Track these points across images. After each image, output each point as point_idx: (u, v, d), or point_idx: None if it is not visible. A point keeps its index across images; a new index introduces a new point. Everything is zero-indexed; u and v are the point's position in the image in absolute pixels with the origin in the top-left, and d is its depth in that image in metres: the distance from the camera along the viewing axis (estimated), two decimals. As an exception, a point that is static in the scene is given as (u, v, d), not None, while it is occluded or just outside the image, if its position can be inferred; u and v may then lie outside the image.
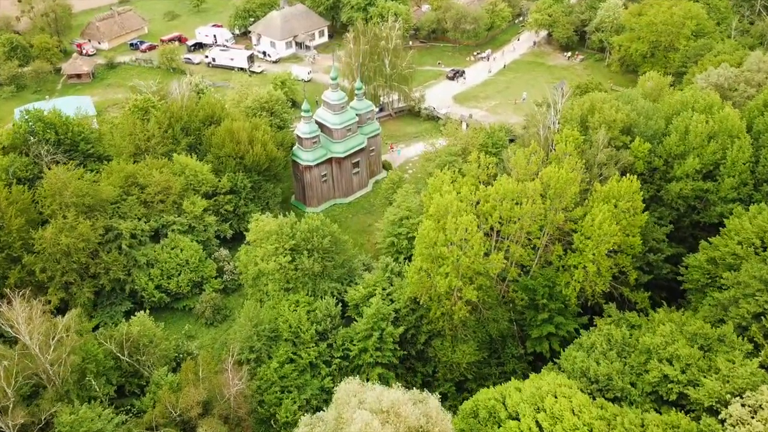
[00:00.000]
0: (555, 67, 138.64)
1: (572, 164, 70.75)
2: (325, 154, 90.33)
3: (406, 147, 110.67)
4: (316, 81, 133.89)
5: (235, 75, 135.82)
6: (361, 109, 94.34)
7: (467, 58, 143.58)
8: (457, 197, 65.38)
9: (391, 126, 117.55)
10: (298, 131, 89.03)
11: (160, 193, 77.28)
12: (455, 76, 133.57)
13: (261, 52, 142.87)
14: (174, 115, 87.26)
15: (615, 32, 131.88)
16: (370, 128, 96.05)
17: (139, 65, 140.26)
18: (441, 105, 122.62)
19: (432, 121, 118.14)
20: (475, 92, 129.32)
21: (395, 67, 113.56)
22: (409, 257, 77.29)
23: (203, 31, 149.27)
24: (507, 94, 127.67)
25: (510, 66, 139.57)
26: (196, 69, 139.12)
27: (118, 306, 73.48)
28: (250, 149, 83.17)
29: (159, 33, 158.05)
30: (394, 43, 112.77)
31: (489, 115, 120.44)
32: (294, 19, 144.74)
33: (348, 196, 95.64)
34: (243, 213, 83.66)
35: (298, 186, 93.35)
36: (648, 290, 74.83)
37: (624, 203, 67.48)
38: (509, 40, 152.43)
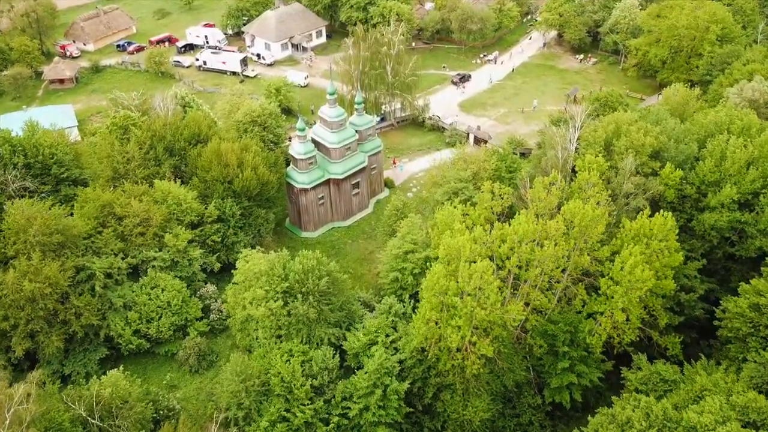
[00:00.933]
0: (566, 71, 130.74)
1: (598, 196, 63.34)
2: (322, 176, 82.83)
3: (410, 161, 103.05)
4: (313, 86, 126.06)
5: (227, 80, 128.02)
6: (362, 125, 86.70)
7: (473, 60, 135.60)
8: (470, 238, 57.94)
9: (393, 137, 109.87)
10: (293, 151, 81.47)
11: (140, 225, 69.86)
12: (461, 81, 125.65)
13: (255, 54, 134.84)
14: (156, 134, 79.65)
15: (631, 34, 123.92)
16: (371, 145, 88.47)
17: (126, 69, 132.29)
18: (446, 113, 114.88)
19: (437, 132, 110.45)
20: (482, 99, 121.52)
21: (398, 74, 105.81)
22: (415, 295, 70.06)
23: (194, 31, 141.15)
24: (516, 101, 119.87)
25: (519, 70, 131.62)
26: (186, 73, 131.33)
27: (92, 353, 66.22)
28: (239, 173, 75.66)
29: (148, 33, 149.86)
30: (397, 49, 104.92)
31: (497, 124, 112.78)
32: (290, 19, 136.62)
33: (347, 219, 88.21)
34: (232, 243, 76.26)
35: (293, 209, 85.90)
36: (678, 329, 67.94)
37: (657, 243, 60.09)
38: (517, 41, 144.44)
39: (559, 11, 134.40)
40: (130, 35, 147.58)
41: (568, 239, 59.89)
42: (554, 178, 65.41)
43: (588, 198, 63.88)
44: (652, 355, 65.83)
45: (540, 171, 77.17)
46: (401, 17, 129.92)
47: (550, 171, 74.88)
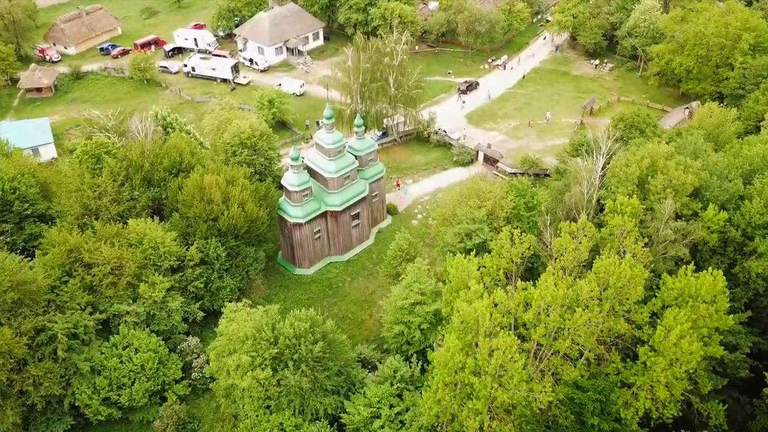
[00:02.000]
0: (581, 78, 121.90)
1: (633, 247, 55.07)
2: (318, 208, 74.46)
3: (414, 183, 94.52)
4: (309, 95, 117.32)
5: (218, 87, 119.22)
6: (362, 149, 78.19)
7: (481, 65, 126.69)
8: (489, 304, 49.66)
9: (396, 154, 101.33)
10: (286, 183, 72.98)
11: (111, 274, 61.56)
12: (468, 89, 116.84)
13: (247, 59, 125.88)
14: (133, 164, 71.15)
15: (651, 39, 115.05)
16: (372, 171, 80.00)
17: (109, 75, 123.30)
18: (453, 126, 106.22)
19: (443, 149, 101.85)
20: (491, 109, 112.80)
21: (401, 86, 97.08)
22: (422, 351, 62.06)
23: (183, 33, 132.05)
24: (528, 113, 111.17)
25: (530, 76, 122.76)
26: (174, 80, 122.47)
27: (56, 423, 58.20)
28: (225, 210, 67.26)
29: (134, 34, 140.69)
30: (400, 59, 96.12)
31: (509, 139, 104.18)
32: (284, 22, 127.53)
33: (346, 253, 79.92)
34: (217, 289, 68.01)
35: (286, 243, 77.57)
36: (719, 390, 60.03)
37: (705, 306, 51.86)
38: (527, 43, 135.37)
39: (572, 12, 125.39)
40: (114, 37, 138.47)
41: (601, 303, 51.69)
42: (584, 224, 57.07)
43: (622, 250, 55.66)
44: (692, 422, 58.12)
45: (562, 207, 68.95)
46: (404, 19, 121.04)
47: (574, 208, 66.78)
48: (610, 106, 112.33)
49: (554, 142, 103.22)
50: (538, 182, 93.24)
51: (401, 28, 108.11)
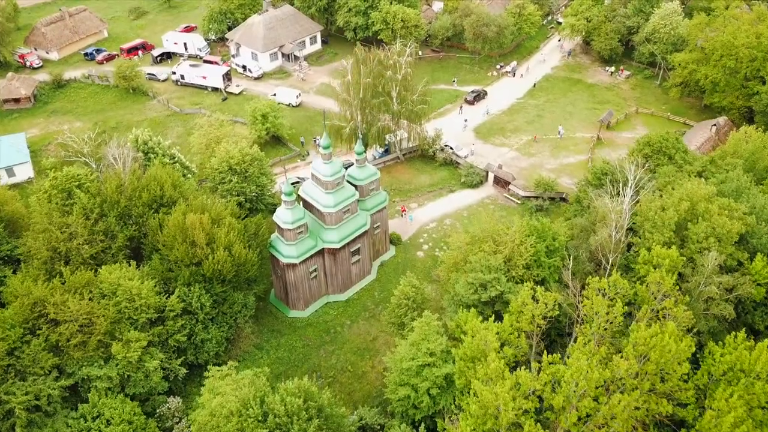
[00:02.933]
0: (596, 87, 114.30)
1: (675, 311, 48.06)
2: (314, 246, 67.32)
3: (419, 207, 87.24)
4: (306, 106, 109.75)
5: (208, 97, 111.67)
6: (363, 179, 70.93)
7: (489, 72, 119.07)
8: (511, 386, 42.68)
9: (399, 173, 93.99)
10: (278, 220, 65.74)
11: (80, 332, 54.51)
12: (476, 99, 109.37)
13: (240, 66, 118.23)
14: (108, 200, 63.96)
15: (672, 46, 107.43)
16: (374, 201, 72.80)
17: (93, 83, 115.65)
18: (460, 141, 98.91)
19: (450, 168, 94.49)
20: (500, 122, 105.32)
21: (404, 101, 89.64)
22: (432, 417, 55.16)
23: (172, 37, 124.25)
24: (540, 126, 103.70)
25: (541, 84, 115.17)
26: (162, 88, 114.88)
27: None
28: (209, 253, 60.12)
29: (121, 36, 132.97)
30: (404, 72, 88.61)
31: (520, 156, 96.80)
32: (280, 25, 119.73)
33: (345, 291, 72.87)
34: (202, 341, 60.97)
35: (279, 283, 70.50)
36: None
37: (761, 384, 44.91)
38: (537, 48, 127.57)
39: (586, 15, 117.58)
40: (100, 40, 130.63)
41: (641, 380, 44.77)
42: (616, 281, 50.02)
43: (662, 313, 48.65)
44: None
45: (586, 248, 61.87)
46: (407, 24, 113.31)
47: (599, 252, 59.71)
48: (628, 119, 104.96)
49: (569, 159, 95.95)
50: (554, 206, 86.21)
51: (405, 41, 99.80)
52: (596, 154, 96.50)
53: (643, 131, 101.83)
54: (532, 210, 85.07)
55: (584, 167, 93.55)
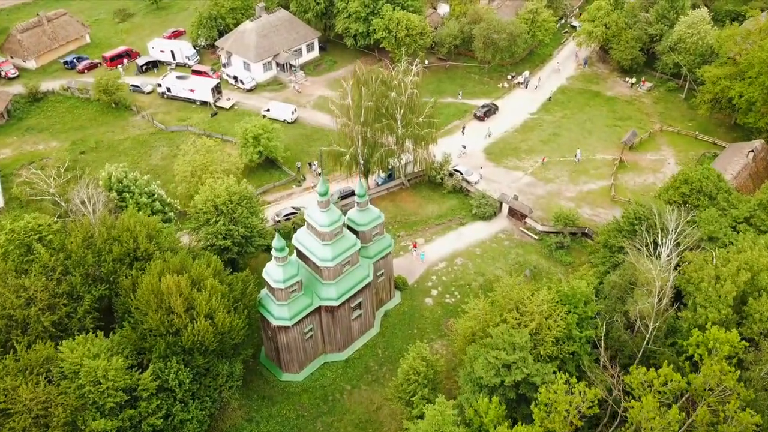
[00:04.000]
0: (615, 100, 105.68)
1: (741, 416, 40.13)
2: (309, 304, 59.26)
3: (427, 243, 78.97)
4: (303, 122, 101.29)
5: (197, 113, 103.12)
6: (366, 224, 62.69)
7: (499, 83, 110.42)
8: None
9: (404, 202, 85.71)
10: (268, 277, 57.60)
11: (35, 425, 46.56)
12: (486, 114, 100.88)
13: (231, 76, 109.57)
14: (73, 256, 55.82)
15: (700, 57, 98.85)
16: (378, 247, 64.65)
17: (72, 96, 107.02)
18: (469, 162, 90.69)
19: (459, 195, 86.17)
20: (513, 141, 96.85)
21: (410, 124, 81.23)
22: None
23: (158, 44, 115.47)
24: (556, 146, 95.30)
25: (556, 97, 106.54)
26: (146, 101, 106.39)
27: None
28: (188, 322, 52.07)
29: (105, 42, 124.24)
30: (410, 93, 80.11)
31: (536, 182, 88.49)
32: (274, 32, 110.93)
33: (345, 349, 64.89)
34: (181, 422, 53.01)
35: (270, 344, 62.47)
36: None
37: None
38: (551, 55, 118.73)
39: (604, 21, 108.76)
40: (82, 46, 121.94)
41: None
42: (670, 375, 42.02)
43: (722, 415, 40.73)
44: None
45: (621, 313, 53.87)
46: (411, 32, 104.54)
47: (638, 320, 51.70)
48: (652, 138, 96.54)
49: (590, 186, 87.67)
50: (576, 243, 78.09)
51: (410, 58, 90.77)
52: (619, 180, 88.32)
53: (669, 152, 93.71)
54: (551, 248, 76.95)
55: (607, 195, 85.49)
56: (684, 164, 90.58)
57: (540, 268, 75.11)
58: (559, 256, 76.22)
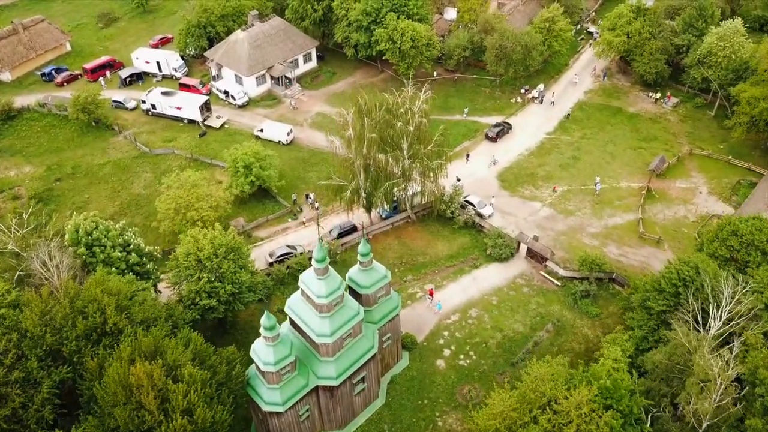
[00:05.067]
0: (638, 117, 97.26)
1: None
2: (305, 386, 51.38)
3: (439, 290, 70.88)
4: (299, 143, 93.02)
5: (184, 133, 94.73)
6: (370, 285, 54.68)
7: (512, 98, 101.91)
8: None
9: (410, 239, 77.63)
10: (256, 358, 49.65)
11: None
12: (499, 135, 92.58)
13: (221, 91, 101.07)
14: (29, 335, 47.88)
15: (733, 73, 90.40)
16: (384, 309, 56.70)
17: (49, 113, 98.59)
18: (481, 189, 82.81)
19: (471, 232, 78.08)
20: (529, 166, 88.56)
21: (417, 155, 73.00)
22: None
23: (143, 54, 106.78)
24: (576, 172, 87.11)
25: (574, 114, 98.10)
26: (130, 119, 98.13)
27: None
28: (162, 420, 44.20)
29: (86, 50, 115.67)
30: (418, 122, 71.81)
31: (556, 215, 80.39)
32: (268, 43, 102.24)
33: (346, 426, 57.04)
34: None
35: (261, 427, 54.55)
36: None
37: None
38: (567, 65, 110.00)
39: (625, 30, 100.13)
40: (62, 55, 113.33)
41: None
42: None
43: None
44: None
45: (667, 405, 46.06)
46: (417, 43, 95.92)
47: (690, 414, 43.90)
48: (680, 163, 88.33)
49: (615, 219, 79.63)
50: (603, 290, 70.15)
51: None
52: (647, 212, 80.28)
53: (700, 179, 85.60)
54: (576, 296, 69.00)
55: (634, 231, 77.55)
56: (718, 194, 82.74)
57: (563, 321, 67.26)
58: (584, 307, 68.31)
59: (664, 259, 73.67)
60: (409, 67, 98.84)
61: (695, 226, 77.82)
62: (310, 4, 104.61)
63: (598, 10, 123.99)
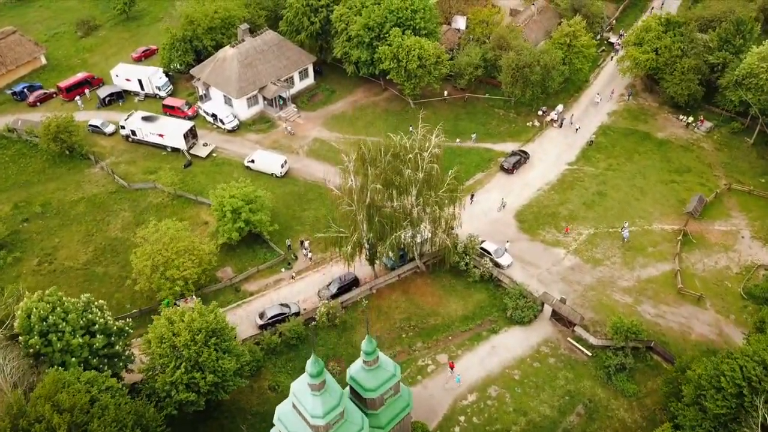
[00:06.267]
0: (669, 145, 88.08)
1: None
2: None
3: (448, 358, 62.29)
4: (295, 175, 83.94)
5: (167, 163, 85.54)
6: (376, 387, 45.96)
7: (528, 121, 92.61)
8: None
9: (420, 294, 68.83)
10: None
11: None
12: (515, 166, 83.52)
13: (209, 114, 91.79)
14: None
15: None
16: (393, 410, 48.09)
17: (20, 139, 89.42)
18: (496, 231, 74.05)
19: (489, 287, 69.26)
20: (549, 204, 79.53)
21: (428, 203, 64.05)
22: None
23: (123, 71, 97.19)
24: (602, 211, 78.21)
25: (598, 140, 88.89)
26: (108, 146, 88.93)
27: None
28: None
29: (63, 63, 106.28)
30: (428, 168, 62.76)
31: (582, 264, 71.59)
32: (260, 60, 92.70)
33: None
34: None
35: None
36: None
37: None
38: (587, 81, 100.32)
39: (654, 46, 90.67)
40: (36, 70, 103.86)
41: None
42: None
43: None
44: None
45: None
46: (425, 62, 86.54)
47: None
48: (718, 200, 79.39)
49: (649, 271, 70.89)
50: (639, 361, 61.53)
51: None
52: (684, 261, 71.54)
53: (742, 221, 76.88)
54: (610, 370, 60.36)
55: (671, 285, 68.92)
56: (762, 238, 74.02)
57: (596, 401, 58.72)
58: (620, 383, 59.75)
59: (708, 320, 65.43)
60: (416, 88, 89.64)
61: (740, 279, 69.26)
62: (306, 15, 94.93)
63: (619, 18, 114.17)
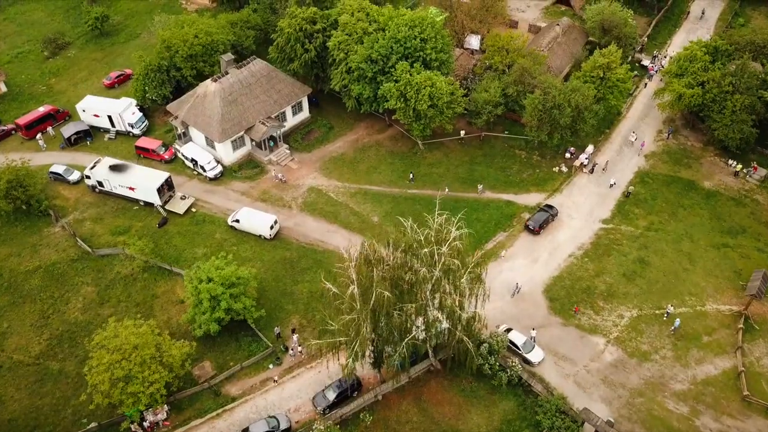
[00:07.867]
0: (718, 197, 76.46)
1: None
2: None
3: (474, 500, 51.56)
4: (286, 237, 72.28)
5: (140, 221, 74.06)
6: None
7: (554, 165, 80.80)
8: None
9: (434, 402, 57.68)
10: None
11: None
12: (543, 226, 71.98)
13: (189, 159, 79.93)
14: None
15: None
16: None
17: (-30, 189, 77.75)
18: (521, 317, 62.69)
19: (517, 394, 58.05)
20: (583, 275, 67.98)
21: (444, 304, 52.60)
22: None
23: (90, 106, 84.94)
24: (646, 285, 66.83)
25: (636, 191, 77.13)
26: (72, 197, 77.49)
27: None
28: None
29: (27, 90, 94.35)
30: (446, 265, 51.18)
31: (626, 359, 60.46)
32: (246, 96, 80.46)
33: None
34: None
35: None
36: None
37: None
38: (619, 113, 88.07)
39: (700, 79, 78.57)
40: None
41: None
42: None
43: None
44: None
45: None
46: (437, 101, 74.53)
47: None
48: (782, 271, 68.02)
49: (706, 368, 59.79)
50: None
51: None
52: (749, 355, 60.45)
53: (811, 300, 65.36)
54: None
55: (733, 389, 58.02)
56: (836, 324, 62.72)
57: None
58: None
59: (781, 441, 54.32)
60: (426, 128, 77.80)
61: (816, 382, 58.14)
62: (300, 42, 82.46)
63: (651, 35, 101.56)
